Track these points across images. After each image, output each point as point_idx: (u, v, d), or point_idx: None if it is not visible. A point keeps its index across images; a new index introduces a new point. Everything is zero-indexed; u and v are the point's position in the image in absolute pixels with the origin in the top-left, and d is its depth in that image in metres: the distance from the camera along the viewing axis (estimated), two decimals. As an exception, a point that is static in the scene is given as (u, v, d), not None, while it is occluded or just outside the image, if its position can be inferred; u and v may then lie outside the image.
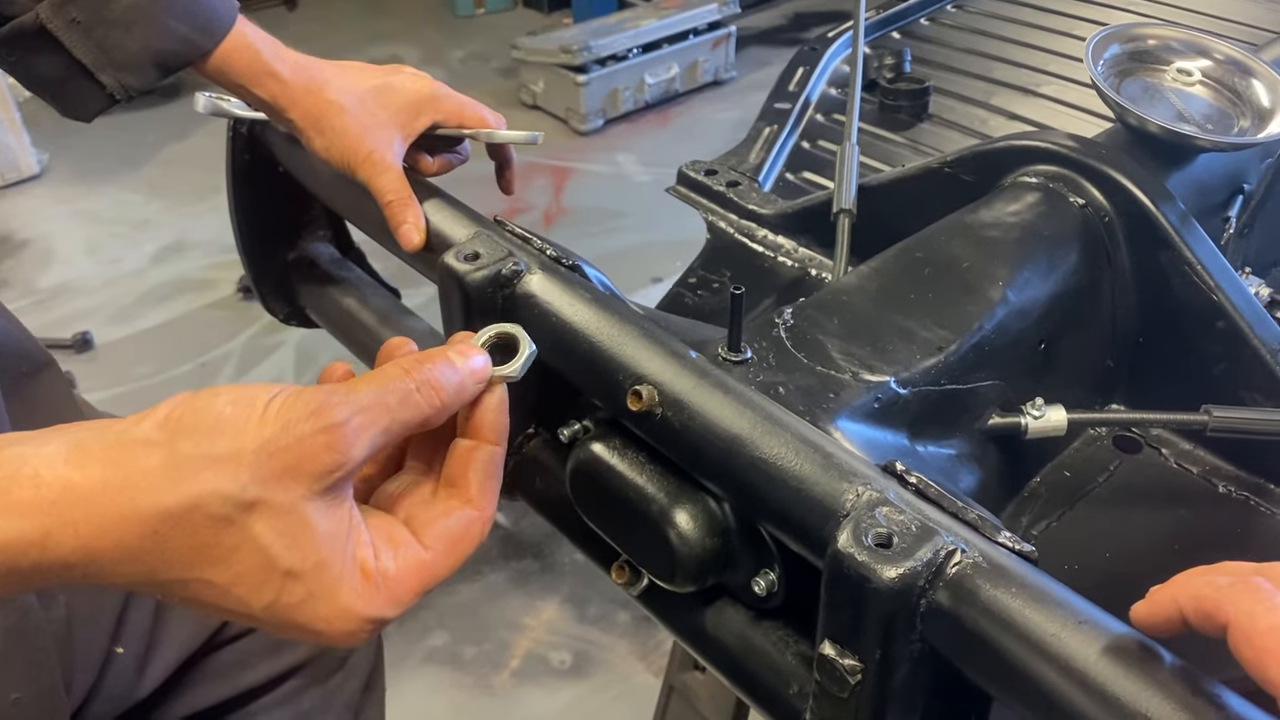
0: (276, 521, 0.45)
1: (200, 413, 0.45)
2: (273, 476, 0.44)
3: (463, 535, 0.51)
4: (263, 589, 0.45)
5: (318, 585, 0.46)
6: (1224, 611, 0.43)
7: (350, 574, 0.47)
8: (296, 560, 0.45)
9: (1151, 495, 0.88)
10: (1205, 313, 0.85)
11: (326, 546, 0.46)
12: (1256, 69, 0.96)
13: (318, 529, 0.46)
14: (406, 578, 0.49)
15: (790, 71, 1.48)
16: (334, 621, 0.47)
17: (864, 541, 0.54)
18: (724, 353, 0.75)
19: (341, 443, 0.45)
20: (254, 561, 0.45)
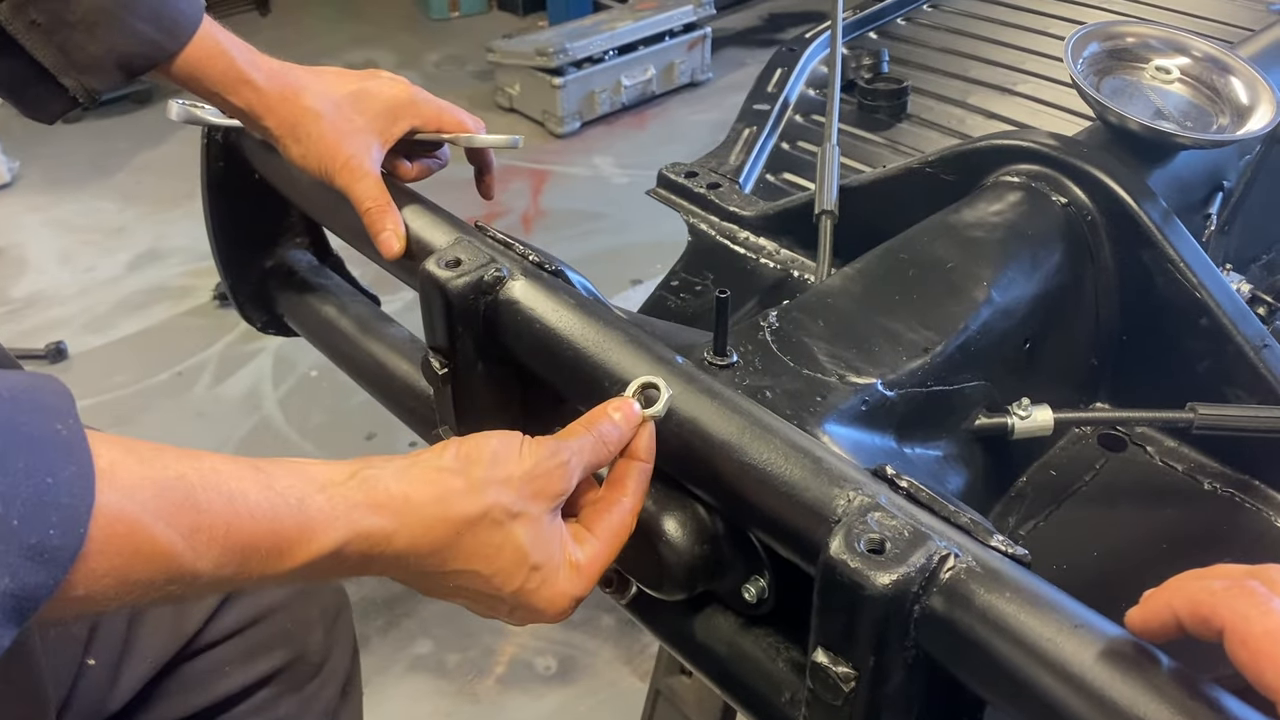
0: (531, 528, 0.60)
1: (481, 448, 0.61)
2: (531, 495, 0.60)
3: (621, 526, 0.64)
4: (514, 577, 0.60)
5: (549, 575, 0.61)
6: (1219, 616, 0.43)
7: (565, 565, 0.62)
8: (541, 557, 0.60)
9: (1137, 493, 0.88)
10: (1189, 310, 0.85)
11: (554, 546, 0.61)
12: (1234, 66, 0.96)
13: (551, 534, 0.61)
14: (593, 564, 0.63)
15: (768, 73, 1.48)
16: (555, 601, 0.62)
17: (856, 548, 0.53)
18: (710, 357, 0.74)
19: (568, 476, 0.62)
20: (513, 556, 0.60)
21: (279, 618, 0.94)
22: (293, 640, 0.95)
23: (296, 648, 0.95)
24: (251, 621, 0.92)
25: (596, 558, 0.63)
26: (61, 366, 2.67)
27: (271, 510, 0.53)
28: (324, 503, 0.55)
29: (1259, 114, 0.92)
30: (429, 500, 0.58)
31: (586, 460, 0.63)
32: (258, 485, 0.54)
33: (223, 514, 0.51)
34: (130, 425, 2.40)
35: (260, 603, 0.93)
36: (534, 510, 0.60)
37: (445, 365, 0.76)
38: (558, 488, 0.61)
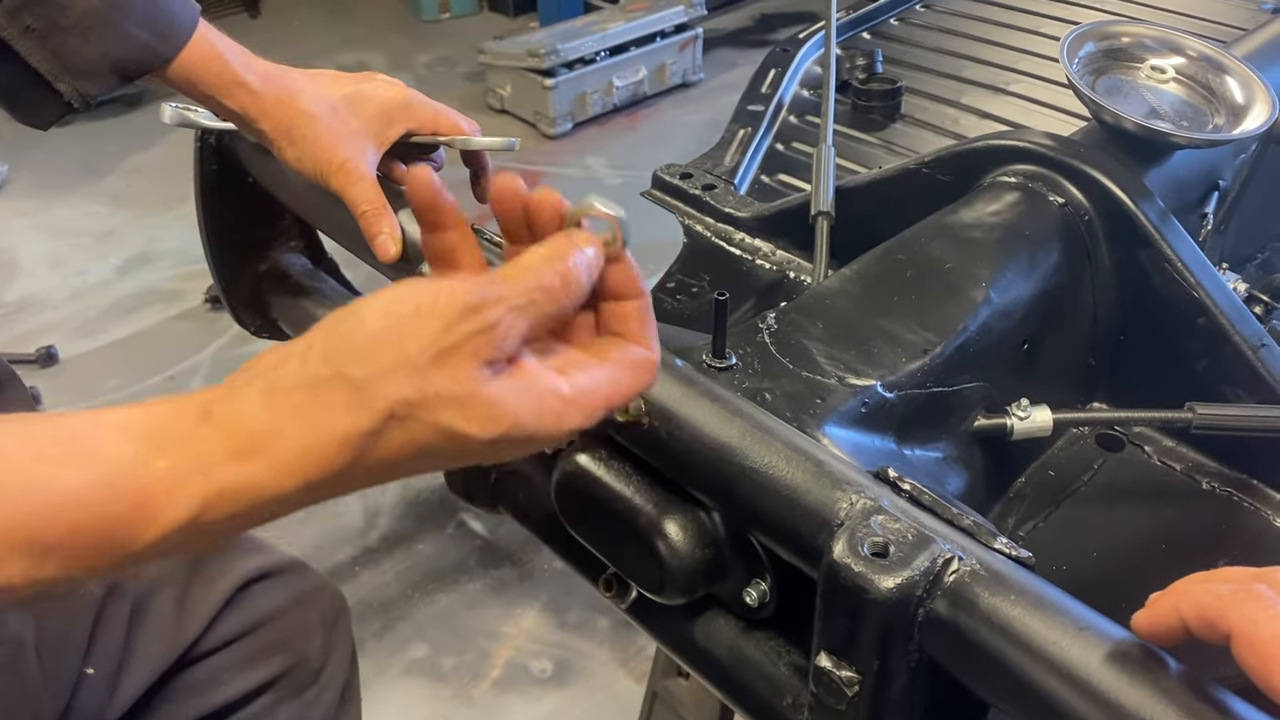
0: (463, 410, 0.48)
1: (353, 336, 0.48)
2: (443, 373, 0.48)
3: (642, 363, 0.55)
4: (475, 456, 0.51)
5: (524, 431, 0.50)
6: (1227, 619, 0.43)
7: (548, 408, 0.50)
8: (498, 429, 0.49)
9: (1135, 493, 0.88)
10: (1186, 310, 0.85)
11: (516, 405, 0.49)
12: (1229, 65, 0.96)
13: (503, 398, 0.49)
14: (596, 389, 0.52)
15: (762, 74, 1.48)
16: (549, 436, 0.51)
17: (860, 551, 0.53)
18: (709, 359, 0.74)
19: (498, 340, 0.49)
20: (456, 448, 0.49)
21: (278, 624, 0.94)
22: (292, 646, 0.95)
23: (296, 654, 0.95)
24: (251, 628, 0.92)
25: (607, 382, 0.53)
26: (52, 371, 2.66)
27: (90, 492, 0.43)
28: (165, 467, 0.44)
29: (1254, 113, 0.92)
30: (305, 430, 0.47)
31: (536, 315, 0.50)
32: (69, 460, 0.44)
33: (17, 510, 0.42)
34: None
35: (259, 609, 0.93)
36: (456, 389, 0.47)
37: (443, 369, 0.76)
38: (484, 356, 0.48)
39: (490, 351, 0.48)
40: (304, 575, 0.99)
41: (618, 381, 0.53)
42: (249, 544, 0.97)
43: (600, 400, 0.52)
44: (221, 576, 0.91)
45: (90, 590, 0.81)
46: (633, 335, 0.55)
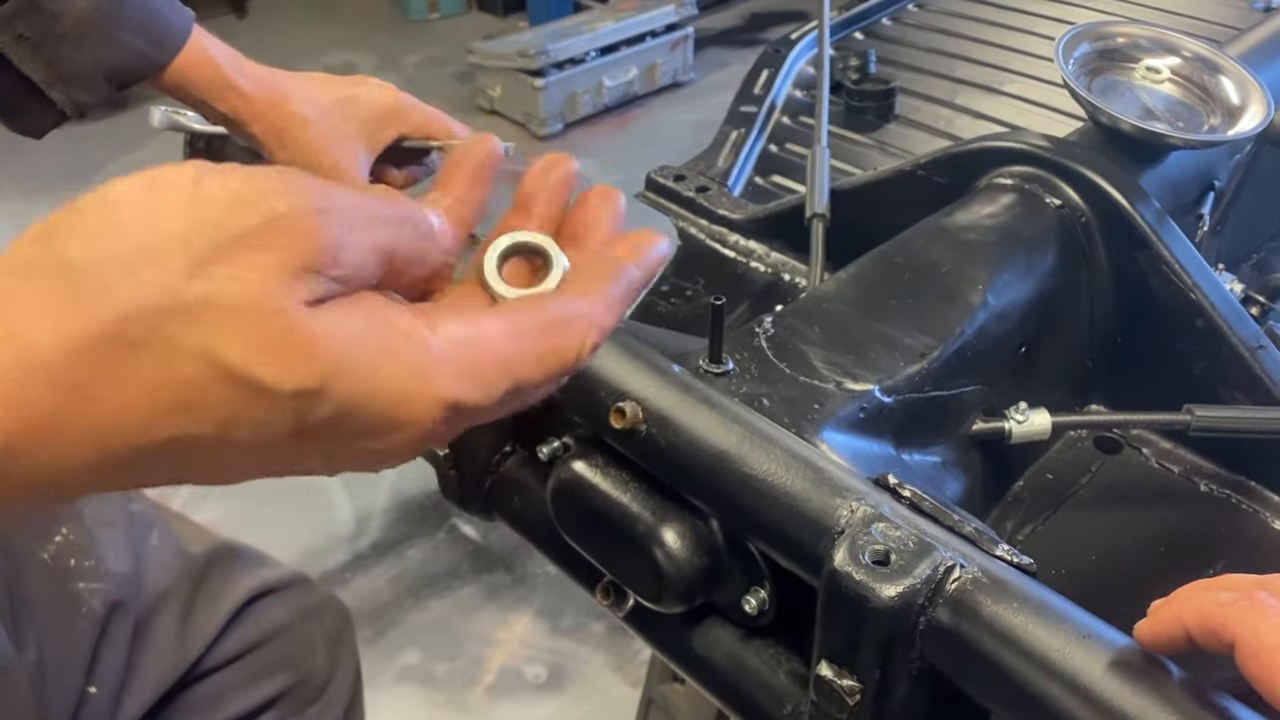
0: (247, 330, 0.30)
1: (90, 210, 0.31)
2: (229, 270, 0.30)
3: (563, 320, 0.38)
4: (270, 420, 0.31)
5: (350, 388, 0.32)
6: (1229, 629, 0.43)
7: (392, 347, 0.34)
8: (301, 376, 0.31)
9: (1134, 496, 0.88)
10: (1184, 312, 0.84)
11: (344, 341, 0.32)
12: (1224, 66, 0.96)
13: (321, 328, 0.32)
14: (485, 343, 0.36)
15: (754, 75, 1.47)
16: (395, 419, 0.34)
17: (861, 559, 0.53)
18: (705, 364, 0.73)
19: (323, 245, 0.32)
20: (234, 393, 0.31)
21: (282, 640, 0.93)
22: (296, 663, 0.94)
23: (300, 671, 0.94)
24: (254, 645, 0.91)
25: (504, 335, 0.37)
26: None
27: None
28: None
29: (1250, 114, 0.92)
30: None
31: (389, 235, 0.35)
32: None
33: None
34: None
35: (263, 626, 0.92)
36: (245, 295, 0.30)
37: (437, 376, 0.75)
38: (300, 246, 0.32)
39: (308, 256, 0.32)
40: (308, 590, 0.99)
41: (523, 338, 0.37)
42: (253, 559, 0.96)
43: (493, 361, 0.36)
44: (225, 593, 0.91)
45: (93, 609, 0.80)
46: (574, 285, 0.41)
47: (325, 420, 0.32)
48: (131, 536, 0.86)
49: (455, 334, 0.36)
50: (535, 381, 0.38)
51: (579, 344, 0.39)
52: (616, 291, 0.41)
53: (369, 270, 0.35)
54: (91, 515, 0.84)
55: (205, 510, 2.21)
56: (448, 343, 0.35)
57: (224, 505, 2.23)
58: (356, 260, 0.34)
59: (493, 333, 0.37)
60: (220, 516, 2.20)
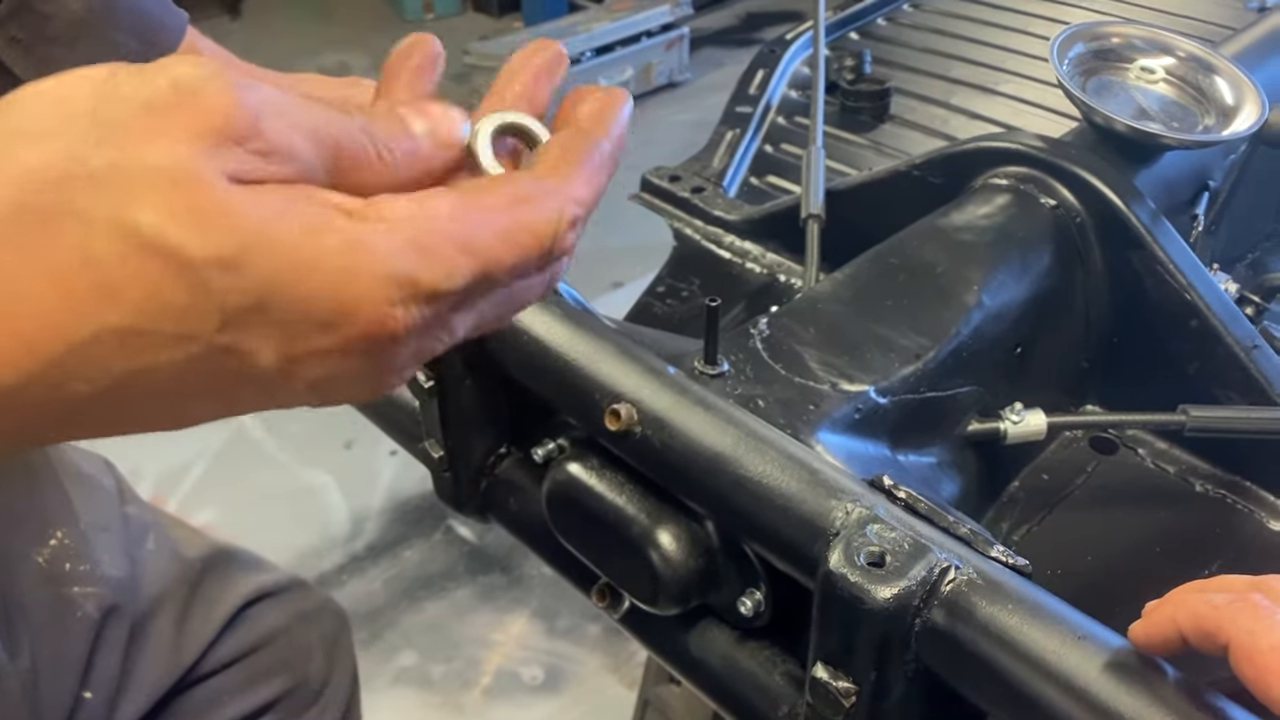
0: (160, 194, 0.28)
1: (3, 101, 0.31)
2: (140, 136, 0.29)
3: (536, 194, 0.35)
4: (193, 302, 0.29)
5: (275, 257, 0.30)
6: (1224, 631, 0.43)
7: (322, 222, 0.31)
8: (219, 240, 0.29)
9: (1129, 496, 0.88)
10: (1178, 312, 0.85)
11: (259, 209, 0.30)
12: (1219, 66, 0.96)
13: (234, 195, 0.29)
14: (437, 219, 0.33)
15: (750, 75, 1.47)
16: (340, 298, 0.30)
17: (856, 561, 0.53)
18: (700, 366, 0.73)
19: (246, 99, 0.30)
20: (151, 266, 0.28)
21: (279, 644, 0.93)
22: (292, 667, 0.94)
23: (296, 675, 0.94)
24: (251, 649, 0.91)
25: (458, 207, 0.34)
26: (35, 378, 2.63)
27: None
28: None
29: (1244, 114, 0.92)
30: None
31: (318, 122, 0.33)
32: None
33: None
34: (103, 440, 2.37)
35: (260, 630, 0.92)
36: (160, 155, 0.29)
37: (431, 378, 0.75)
38: (218, 118, 0.30)
39: (223, 125, 0.30)
40: (305, 594, 0.98)
41: (483, 214, 0.34)
42: (249, 563, 0.96)
43: (446, 237, 0.33)
44: (221, 597, 0.90)
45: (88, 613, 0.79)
46: (543, 164, 0.38)
47: (254, 305, 0.30)
48: (127, 541, 0.86)
49: (400, 210, 0.33)
50: (507, 264, 0.34)
51: (555, 218, 0.36)
52: (592, 165, 0.39)
53: (304, 156, 0.32)
54: (87, 520, 0.83)
55: (202, 513, 2.20)
56: (392, 218, 0.32)
57: (220, 508, 2.22)
58: (283, 140, 0.31)
59: (444, 209, 0.33)
60: (217, 519, 2.19)
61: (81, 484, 0.85)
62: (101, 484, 0.88)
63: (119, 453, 0.48)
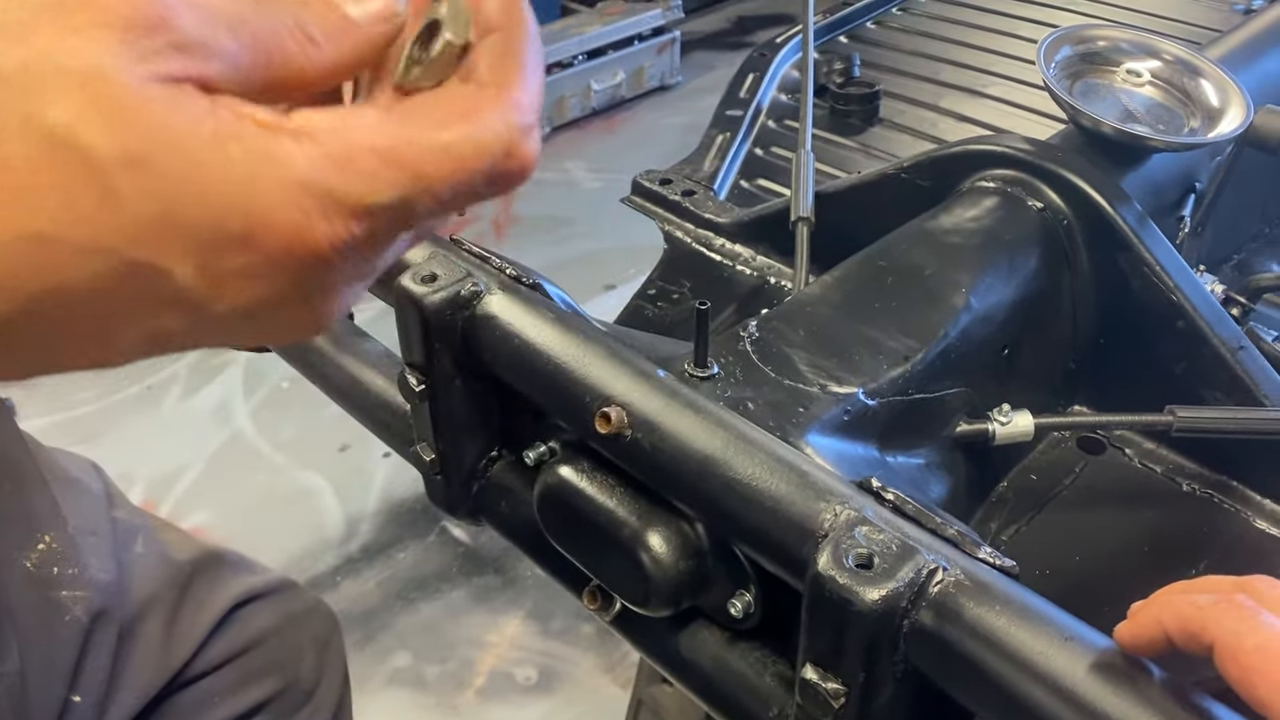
0: (71, 93, 0.28)
1: None
2: (49, 32, 0.28)
3: (474, 107, 0.33)
4: (104, 207, 0.28)
5: (181, 158, 0.29)
6: (1208, 632, 0.43)
7: (236, 131, 0.29)
8: (124, 138, 0.28)
9: (1117, 496, 0.89)
10: (1165, 313, 0.85)
11: (173, 107, 0.29)
12: (1204, 69, 0.97)
13: (147, 92, 0.28)
14: (359, 130, 0.31)
15: (740, 78, 1.48)
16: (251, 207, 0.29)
17: (845, 563, 0.53)
18: (690, 369, 0.74)
19: None
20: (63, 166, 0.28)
21: (269, 646, 0.93)
22: (283, 668, 0.94)
23: (287, 676, 0.94)
24: (241, 650, 0.91)
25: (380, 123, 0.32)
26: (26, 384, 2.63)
27: None
28: None
29: (1229, 116, 0.92)
30: None
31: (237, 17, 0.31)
32: None
33: None
34: (98, 442, 2.37)
35: (250, 631, 0.92)
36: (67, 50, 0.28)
37: (423, 382, 0.75)
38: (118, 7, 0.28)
39: (131, 13, 0.28)
40: (295, 595, 0.98)
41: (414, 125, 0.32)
42: (239, 564, 0.96)
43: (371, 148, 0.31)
44: (211, 599, 0.90)
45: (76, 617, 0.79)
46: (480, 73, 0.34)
47: (162, 213, 0.29)
48: (115, 544, 0.86)
49: (318, 121, 0.31)
50: (447, 177, 0.32)
51: (502, 129, 0.33)
52: (532, 64, 0.35)
53: (224, 48, 0.30)
54: (74, 523, 0.83)
55: (196, 516, 2.20)
56: (309, 129, 0.30)
57: (215, 510, 2.22)
58: (197, 32, 0.29)
59: (367, 119, 0.31)
60: (211, 521, 2.19)
61: (69, 487, 0.85)
62: (89, 487, 0.88)
63: (113, 455, 0.49)
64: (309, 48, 0.32)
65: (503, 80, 0.34)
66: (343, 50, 0.33)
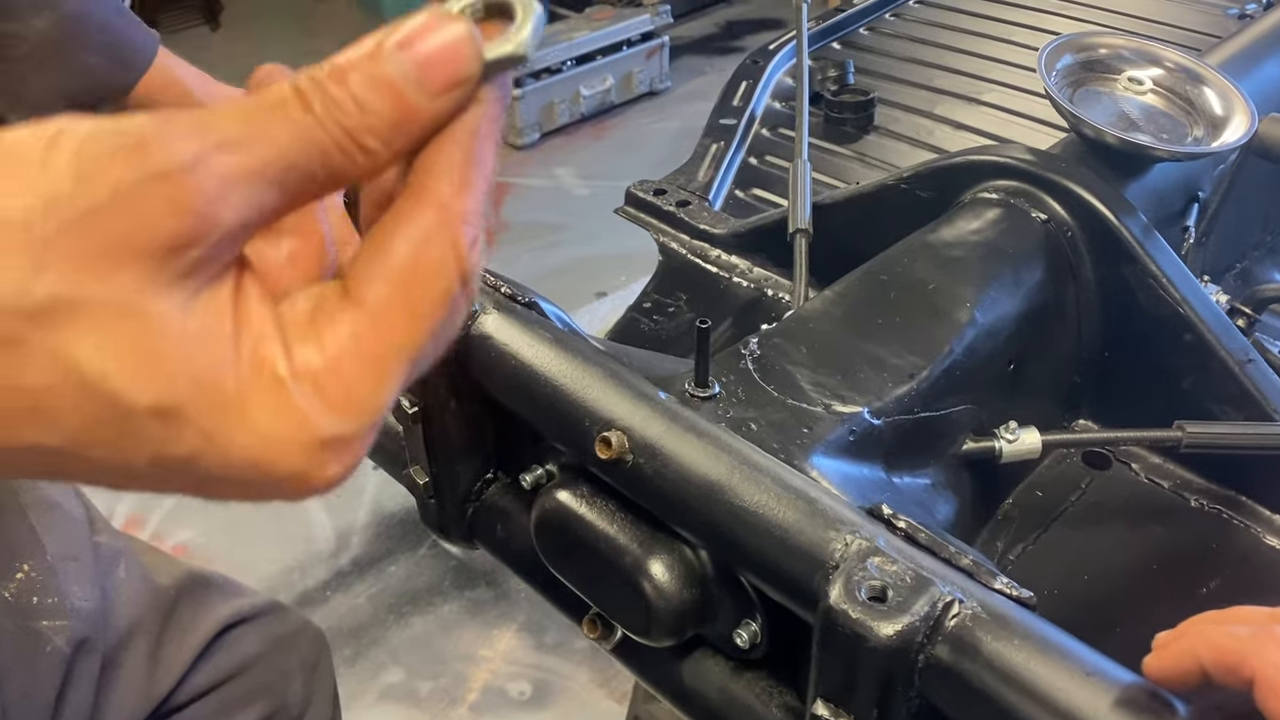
0: (105, 333, 0.27)
1: None
2: (81, 259, 0.26)
3: (418, 261, 0.31)
4: (132, 444, 0.28)
5: (211, 419, 0.29)
6: (1249, 665, 0.42)
7: (256, 388, 0.29)
8: (159, 391, 0.28)
9: (1124, 512, 0.87)
10: (1172, 326, 0.84)
11: (203, 356, 0.28)
12: (1207, 76, 0.95)
13: (179, 332, 0.28)
14: (344, 364, 0.30)
15: (733, 86, 1.46)
16: (266, 464, 0.30)
17: (857, 596, 0.51)
18: (691, 389, 0.72)
19: (195, 198, 0.27)
20: (88, 404, 0.28)
21: (256, 670, 0.90)
22: (271, 693, 0.91)
23: (275, 701, 0.92)
24: (228, 676, 0.88)
25: (357, 341, 0.31)
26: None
27: None
28: None
29: (1234, 125, 0.91)
30: None
31: (276, 163, 0.29)
32: None
33: None
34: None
35: (236, 656, 0.90)
36: (100, 292, 0.27)
37: (416, 404, 0.73)
38: (166, 229, 0.27)
39: (175, 220, 0.27)
40: (282, 618, 0.96)
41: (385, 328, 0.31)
42: (225, 587, 0.94)
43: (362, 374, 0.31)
44: (196, 624, 0.88)
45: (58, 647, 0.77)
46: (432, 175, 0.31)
47: (186, 457, 0.29)
48: (97, 570, 0.84)
49: (316, 364, 0.30)
50: (422, 345, 0.32)
51: (451, 265, 0.31)
52: (474, 168, 0.32)
53: (257, 215, 0.29)
54: (54, 550, 0.81)
55: (183, 532, 2.17)
56: (311, 366, 0.30)
57: (201, 526, 2.19)
58: (235, 218, 0.28)
59: (349, 346, 0.31)
60: (199, 537, 2.16)
61: (49, 513, 0.83)
62: (70, 512, 0.85)
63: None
64: (360, 159, 0.30)
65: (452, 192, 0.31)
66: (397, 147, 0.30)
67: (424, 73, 0.30)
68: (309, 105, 0.29)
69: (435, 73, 0.30)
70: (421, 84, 0.30)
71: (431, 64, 0.30)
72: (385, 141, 0.30)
